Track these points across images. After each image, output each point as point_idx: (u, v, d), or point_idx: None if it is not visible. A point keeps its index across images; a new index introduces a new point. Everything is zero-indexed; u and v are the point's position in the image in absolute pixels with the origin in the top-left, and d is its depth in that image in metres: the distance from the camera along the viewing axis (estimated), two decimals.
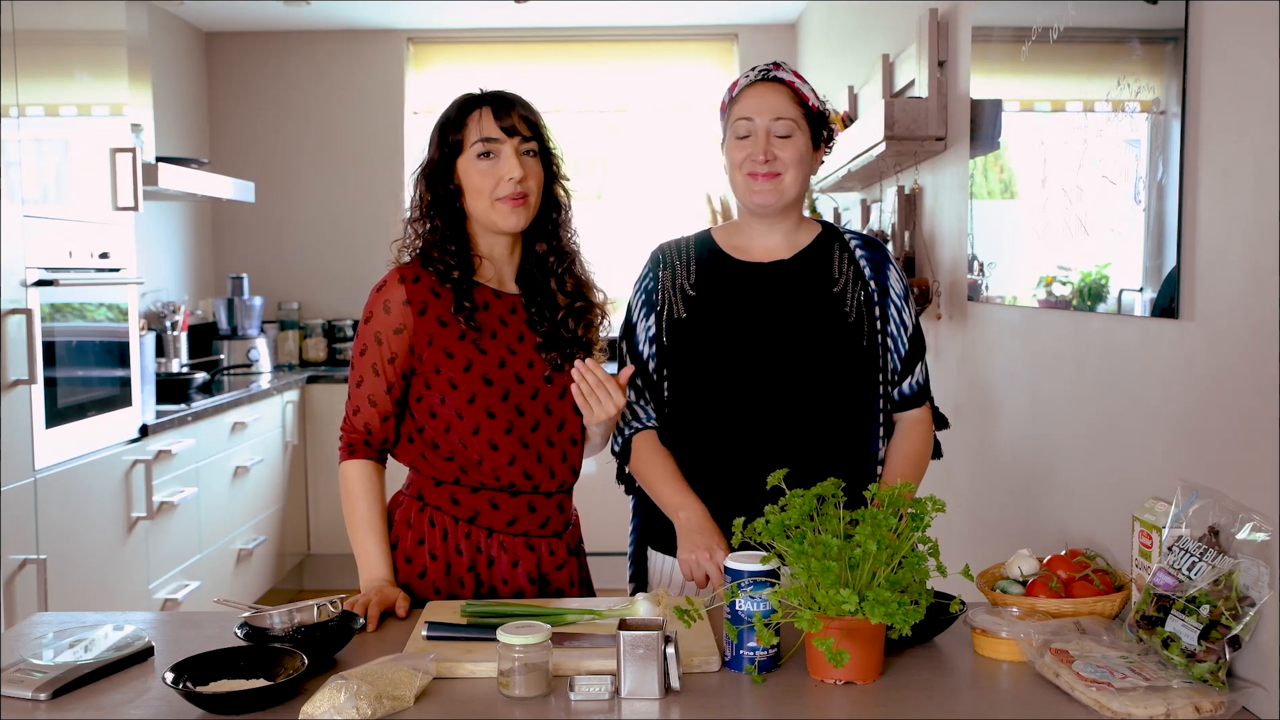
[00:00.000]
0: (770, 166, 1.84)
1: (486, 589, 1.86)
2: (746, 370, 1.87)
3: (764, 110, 1.85)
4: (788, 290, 1.90)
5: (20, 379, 2.87)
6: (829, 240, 1.95)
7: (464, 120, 1.84)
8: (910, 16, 3.20)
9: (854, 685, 1.45)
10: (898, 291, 1.92)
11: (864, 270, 1.92)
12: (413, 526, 1.87)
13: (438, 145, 1.87)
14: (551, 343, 1.88)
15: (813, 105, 1.88)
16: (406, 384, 1.87)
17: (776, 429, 1.85)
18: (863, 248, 1.95)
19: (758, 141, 1.84)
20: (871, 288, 1.91)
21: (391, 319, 1.83)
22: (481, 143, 1.82)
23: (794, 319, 1.87)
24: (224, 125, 5.66)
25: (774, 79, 1.87)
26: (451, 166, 1.85)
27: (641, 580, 2.03)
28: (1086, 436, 1.97)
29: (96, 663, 1.50)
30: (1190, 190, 1.58)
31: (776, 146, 1.84)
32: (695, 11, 5.40)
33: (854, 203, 4.09)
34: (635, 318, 1.97)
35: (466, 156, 1.84)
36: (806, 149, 1.87)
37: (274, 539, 4.72)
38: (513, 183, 1.81)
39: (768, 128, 1.84)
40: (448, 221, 1.86)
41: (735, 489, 1.83)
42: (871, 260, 1.93)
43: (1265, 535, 1.35)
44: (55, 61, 3.16)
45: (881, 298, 1.91)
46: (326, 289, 5.64)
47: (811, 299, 1.89)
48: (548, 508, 1.89)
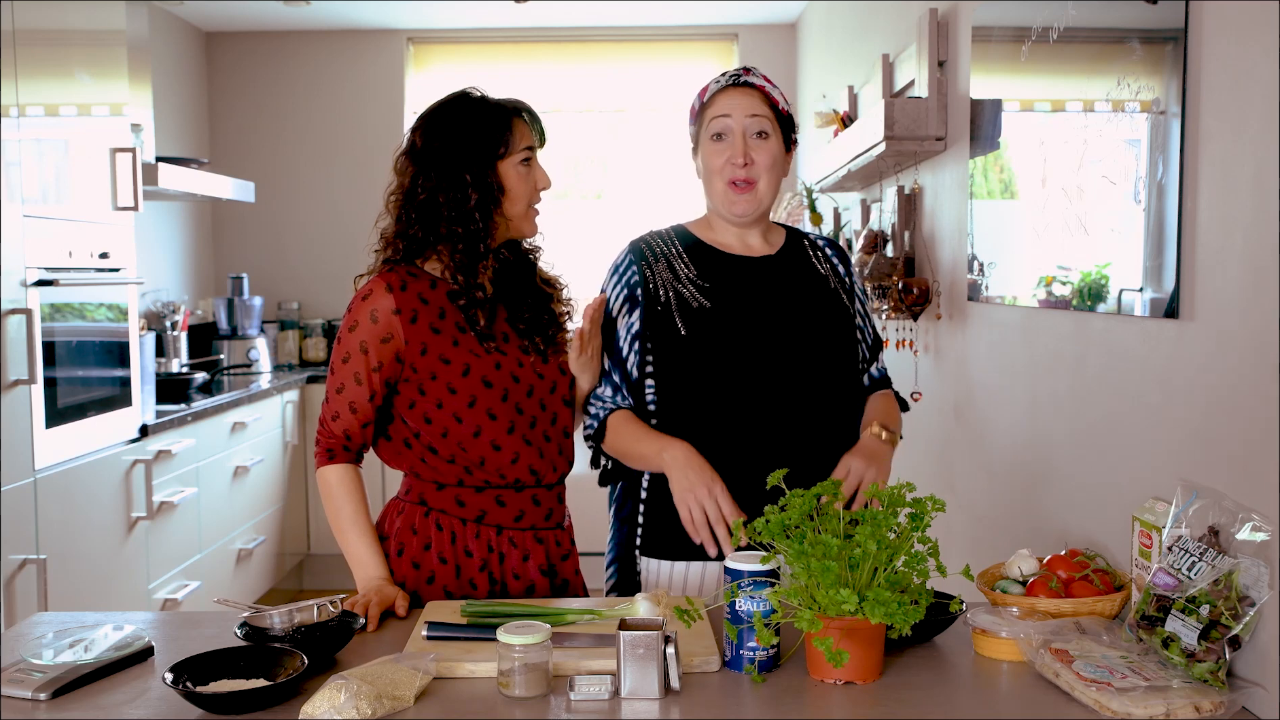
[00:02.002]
0: (748, 172, 1.87)
1: (499, 587, 1.86)
2: (759, 369, 1.87)
3: (741, 109, 1.87)
4: (788, 282, 1.95)
5: (20, 379, 2.87)
6: (797, 240, 2.03)
7: (511, 123, 1.85)
8: (910, 16, 3.20)
9: (854, 685, 1.45)
10: (860, 288, 2.05)
11: (837, 268, 2.02)
12: (418, 532, 1.87)
13: (474, 142, 1.82)
14: (533, 329, 1.91)
15: (783, 109, 1.93)
16: (391, 393, 1.86)
17: (785, 415, 1.87)
18: (827, 245, 2.05)
19: (735, 143, 1.87)
20: (847, 284, 2.01)
21: (379, 329, 1.81)
22: (527, 150, 1.86)
23: (800, 310, 1.93)
24: (224, 125, 5.66)
25: (745, 84, 1.90)
26: (492, 166, 1.83)
27: (628, 590, 1.95)
28: (1086, 436, 1.97)
29: (96, 663, 1.50)
30: (1190, 190, 1.58)
31: (754, 148, 1.87)
32: (695, 11, 5.40)
33: (854, 203, 4.08)
34: (616, 312, 1.93)
35: (511, 161, 1.84)
36: (779, 152, 1.91)
37: (274, 539, 4.72)
38: (540, 193, 1.88)
39: (744, 127, 1.87)
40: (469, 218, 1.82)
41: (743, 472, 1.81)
42: (838, 256, 2.04)
43: (1265, 535, 1.35)
44: (55, 61, 3.16)
45: (849, 293, 2.00)
46: (326, 289, 5.64)
47: (809, 292, 1.95)
48: (550, 500, 1.91)
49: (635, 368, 1.92)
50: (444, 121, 1.85)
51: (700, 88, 1.96)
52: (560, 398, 1.91)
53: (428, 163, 1.83)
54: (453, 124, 1.84)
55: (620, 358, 1.92)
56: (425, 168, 1.83)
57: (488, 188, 1.82)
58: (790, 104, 1.96)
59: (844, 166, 3.50)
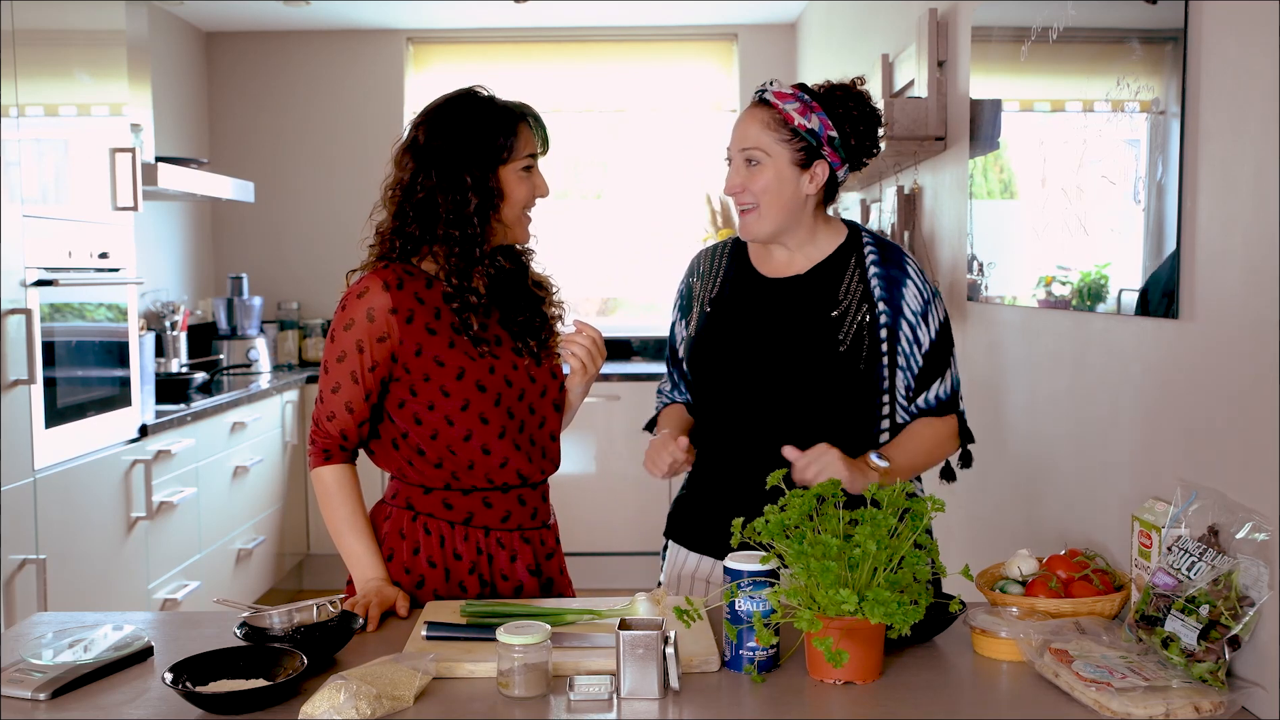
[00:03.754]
0: (743, 199, 1.86)
1: (489, 589, 1.86)
2: (740, 389, 1.88)
3: (738, 140, 1.87)
4: (789, 311, 1.88)
5: (20, 379, 2.87)
6: (848, 252, 1.89)
7: (516, 129, 1.83)
8: (910, 16, 3.20)
9: (854, 685, 1.45)
10: (914, 309, 1.84)
11: (874, 290, 1.85)
12: (406, 536, 1.86)
13: (478, 144, 1.80)
14: (525, 332, 1.91)
15: (798, 124, 1.81)
16: (383, 391, 1.85)
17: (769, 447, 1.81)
18: (879, 264, 1.87)
19: (731, 172, 1.88)
20: (880, 309, 1.84)
21: (375, 327, 1.79)
22: (530, 157, 1.84)
23: (785, 344, 1.86)
24: (224, 125, 5.66)
25: (762, 100, 1.86)
26: (494, 170, 1.81)
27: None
28: (1086, 436, 1.97)
29: (96, 663, 1.50)
30: (1190, 190, 1.58)
31: (745, 177, 1.85)
32: (695, 11, 5.40)
33: (854, 203, 4.09)
34: (674, 316, 2.06)
35: (513, 166, 1.82)
36: (783, 172, 1.82)
37: (273, 539, 4.72)
38: (538, 200, 1.87)
39: (739, 156, 1.87)
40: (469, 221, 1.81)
41: (735, 494, 1.86)
42: (886, 279, 1.85)
43: (1265, 535, 1.35)
44: (55, 61, 3.16)
45: (893, 317, 1.83)
46: (326, 289, 5.63)
47: (806, 323, 1.86)
48: (535, 499, 1.91)
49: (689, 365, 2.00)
50: (449, 119, 1.81)
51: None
52: (550, 402, 1.91)
53: (429, 160, 1.80)
54: (457, 123, 1.81)
55: (678, 358, 2.03)
56: (426, 165, 1.80)
57: (488, 192, 1.80)
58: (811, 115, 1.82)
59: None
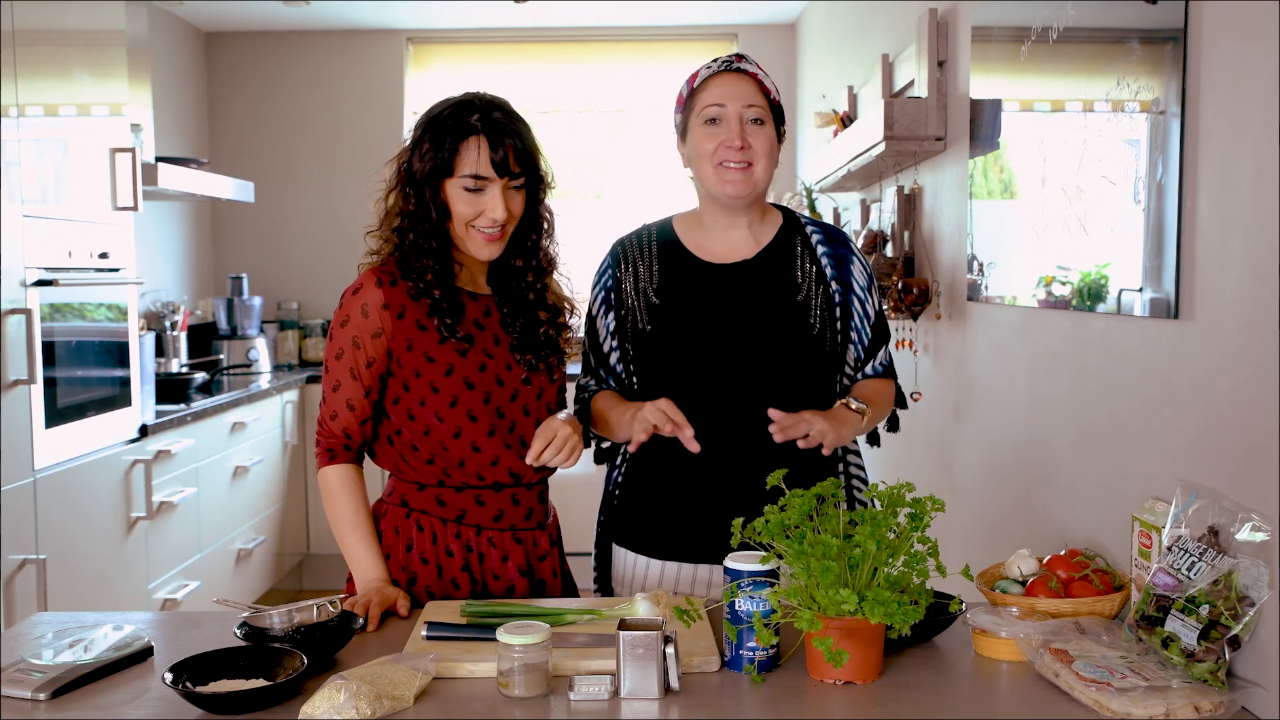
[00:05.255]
0: (744, 155, 1.83)
1: (480, 587, 1.87)
2: (711, 381, 1.86)
3: (735, 98, 1.84)
4: (750, 297, 1.88)
5: (20, 379, 2.87)
6: (790, 235, 1.94)
7: (458, 146, 1.78)
8: (910, 16, 3.20)
9: (854, 685, 1.45)
10: (861, 284, 1.93)
11: (826, 270, 1.91)
12: (401, 534, 1.87)
13: (430, 158, 1.79)
14: (526, 344, 1.88)
15: (775, 98, 1.89)
16: (382, 387, 1.85)
17: (742, 435, 1.84)
18: (824, 243, 1.94)
19: (731, 128, 1.84)
20: (833, 288, 1.90)
21: (370, 323, 1.81)
22: (472, 178, 1.78)
23: (757, 329, 1.86)
24: (223, 125, 5.66)
25: (739, 70, 1.86)
26: (440, 182, 1.80)
27: (605, 580, 2.02)
28: (1086, 436, 1.97)
29: (96, 663, 1.50)
30: (1190, 190, 1.58)
31: (750, 134, 1.84)
32: (695, 11, 5.41)
33: (854, 203, 4.08)
34: (595, 312, 1.98)
35: (455, 182, 1.79)
36: (774, 139, 1.88)
37: (273, 539, 4.72)
38: (494, 221, 1.80)
39: (740, 114, 1.84)
40: (432, 235, 1.81)
41: (707, 489, 1.85)
42: (834, 257, 1.92)
43: (1265, 535, 1.35)
44: (55, 61, 3.16)
45: (845, 295, 1.91)
46: (326, 289, 5.63)
47: (774, 307, 1.87)
48: (529, 499, 1.90)
49: (619, 363, 1.95)
50: (419, 133, 1.83)
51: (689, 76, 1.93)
52: (546, 404, 1.90)
53: (405, 178, 1.83)
54: (421, 129, 1.83)
55: (603, 354, 1.96)
56: (401, 183, 1.84)
57: (440, 206, 1.80)
58: (780, 95, 1.93)
59: (844, 167, 3.50)
